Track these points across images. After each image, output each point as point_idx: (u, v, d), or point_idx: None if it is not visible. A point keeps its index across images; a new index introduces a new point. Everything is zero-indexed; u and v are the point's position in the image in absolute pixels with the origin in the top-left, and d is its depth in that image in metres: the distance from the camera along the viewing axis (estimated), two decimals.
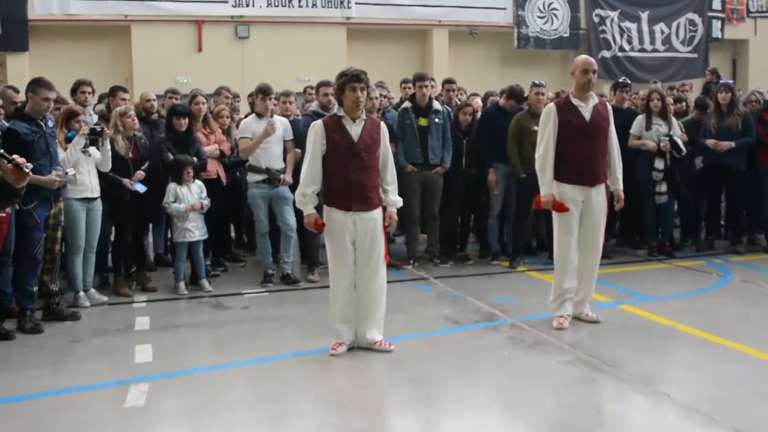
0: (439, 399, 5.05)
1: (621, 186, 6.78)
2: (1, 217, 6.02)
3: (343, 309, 5.92)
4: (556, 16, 20.34)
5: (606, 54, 20.80)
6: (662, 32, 21.42)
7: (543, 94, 8.80)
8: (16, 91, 7.49)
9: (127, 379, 5.33)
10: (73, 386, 5.27)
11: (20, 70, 16.26)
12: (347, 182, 5.77)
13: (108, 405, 4.95)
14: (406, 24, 18.98)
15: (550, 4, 20.28)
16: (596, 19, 20.70)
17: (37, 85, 6.60)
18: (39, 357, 5.93)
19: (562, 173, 6.55)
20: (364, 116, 5.87)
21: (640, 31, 21.22)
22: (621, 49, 21.03)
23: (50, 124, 6.72)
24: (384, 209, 5.94)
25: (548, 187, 6.57)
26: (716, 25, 21.92)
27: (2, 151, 3.74)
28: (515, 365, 5.61)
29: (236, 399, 5.04)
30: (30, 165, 3.78)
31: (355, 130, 5.79)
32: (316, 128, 5.83)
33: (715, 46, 21.96)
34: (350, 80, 5.73)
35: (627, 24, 21.04)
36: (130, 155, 7.79)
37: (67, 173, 6.64)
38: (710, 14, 21.87)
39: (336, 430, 4.54)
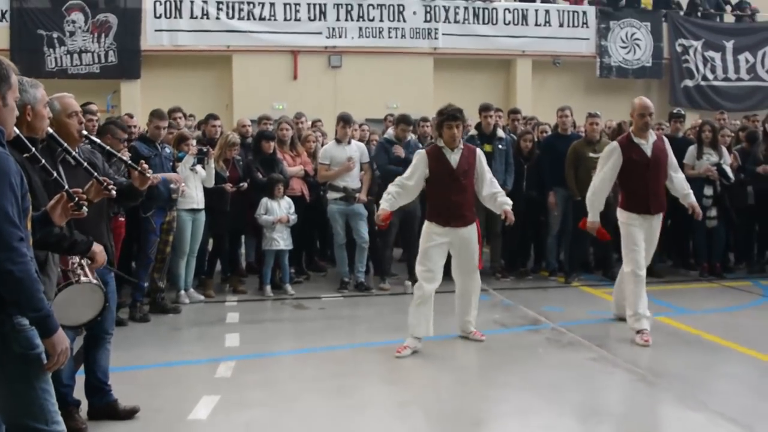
0: (473, 382, 6.00)
1: (694, 199, 7.55)
2: (120, 222, 7.27)
3: (420, 303, 6.74)
4: (638, 45, 20.63)
5: (689, 83, 20.99)
6: (747, 61, 21.43)
7: (597, 124, 9.61)
8: (131, 116, 8.87)
9: (218, 358, 6.47)
10: (174, 360, 6.48)
11: (133, 96, 17.79)
12: (447, 203, 6.80)
13: (201, 375, 6.09)
14: (490, 54, 19.56)
15: (633, 35, 20.61)
16: (679, 49, 20.88)
17: (152, 115, 8.08)
18: (147, 340, 7.15)
19: (629, 204, 7.26)
20: (461, 146, 6.89)
21: (724, 60, 21.21)
22: (704, 78, 21.12)
23: (167, 150, 8.02)
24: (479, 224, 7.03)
25: (595, 214, 7.39)
26: None
27: (131, 162, 4.84)
28: (546, 360, 6.51)
29: (308, 375, 6.10)
30: (151, 171, 4.85)
31: (453, 158, 6.82)
32: (421, 156, 6.91)
33: None
34: (447, 119, 6.80)
35: (711, 53, 21.11)
36: (228, 174, 8.95)
37: (182, 188, 7.85)
38: None
39: (386, 400, 5.54)
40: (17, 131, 3.28)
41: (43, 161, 3.46)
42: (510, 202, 7.03)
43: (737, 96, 20.97)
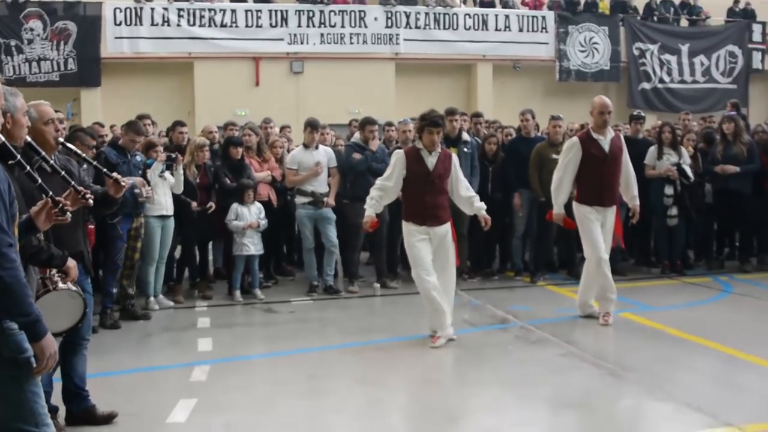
0: (446, 379, 6.14)
1: (638, 202, 7.97)
2: (90, 229, 7.25)
3: (431, 300, 6.95)
4: (596, 49, 20.98)
5: (646, 86, 21.42)
6: (702, 64, 21.89)
7: (560, 126, 9.82)
8: (101, 125, 8.84)
9: (192, 362, 6.50)
10: (148, 366, 6.50)
11: (93, 103, 17.73)
12: (423, 203, 7.00)
13: (176, 379, 6.13)
14: (451, 59, 19.81)
15: (591, 39, 20.95)
16: (636, 52, 21.30)
17: (128, 127, 8.10)
18: (120, 346, 7.14)
19: (584, 196, 7.72)
20: (439, 149, 7.07)
21: (680, 63, 21.64)
22: (661, 80, 21.55)
23: (138, 158, 8.03)
24: (452, 223, 7.25)
25: (560, 206, 7.83)
26: (757, 56, 22.29)
27: (105, 170, 4.88)
28: (517, 356, 6.65)
29: (283, 377, 6.16)
30: (126, 180, 4.90)
31: (431, 161, 7.02)
32: (399, 156, 7.10)
33: (756, 78, 22.40)
34: (429, 125, 7.01)
35: (667, 56, 21.52)
36: (198, 180, 8.98)
37: (147, 192, 7.85)
38: (750, 46, 22.34)
39: (361, 400, 5.62)
40: (2, 138, 3.32)
41: (28, 168, 3.51)
42: (484, 206, 7.28)
43: (693, 98, 21.43)
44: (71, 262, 4.14)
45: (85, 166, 6.02)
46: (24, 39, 17.51)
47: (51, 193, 3.52)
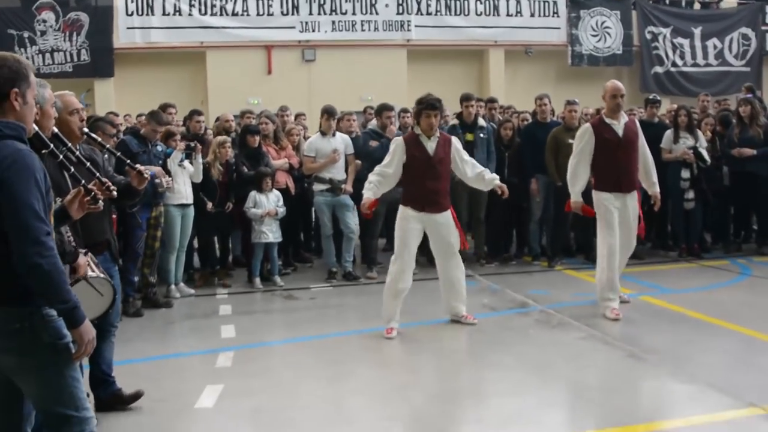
0: (468, 363, 6.16)
1: (658, 189, 7.80)
2: (112, 219, 7.31)
3: (401, 291, 6.98)
4: (609, 34, 20.87)
5: (659, 69, 21.29)
6: (715, 47, 21.74)
7: (576, 111, 9.82)
8: (116, 115, 8.90)
9: (216, 349, 6.57)
10: (172, 353, 6.58)
11: (106, 94, 17.77)
12: (422, 189, 6.97)
13: (202, 366, 6.20)
14: (463, 45, 19.72)
15: (603, 23, 20.85)
16: (648, 36, 21.18)
17: (151, 117, 8.19)
18: (143, 334, 7.22)
19: (602, 183, 7.55)
20: (438, 134, 7.05)
21: (692, 47, 21.51)
22: (674, 64, 21.40)
23: (159, 147, 8.08)
24: (453, 208, 7.22)
25: (577, 194, 7.64)
26: None
27: (129, 161, 4.92)
28: (537, 340, 6.68)
29: (306, 362, 6.22)
30: (149, 171, 4.95)
31: (430, 146, 7.00)
32: (399, 143, 7.08)
33: None
34: (426, 108, 6.99)
35: (680, 40, 21.39)
36: (221, 178, 9.05)
37: (165, 181, 7.90)
38: (764, 28, 22.17)
39: (384, 383, 5.68)
40: (36, 128, 3.36)
41: (61, 157, 3.56)
42: (497, 177, 7.31)
43: (706, 81, 21.26)
44: (82, 260, 4.15)
45: (107, 155, 6.07)
46: (37, 31, 17.56)
47: (83, 181, 3.57)
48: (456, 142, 7.24)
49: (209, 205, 8.89)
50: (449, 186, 7.23)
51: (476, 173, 7.22)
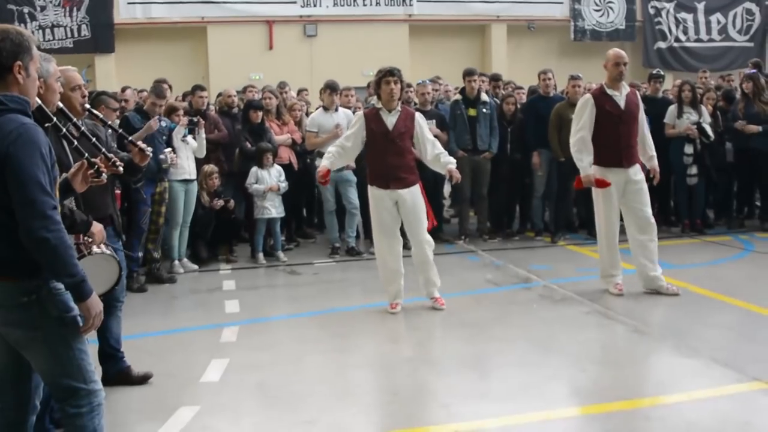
0: (474, 337, 6.14)
1: (656, 163, 7.52)
2: (116, 194, 7.31)
3: (393, 271, 6.97)
4: (611, 8, 20.72)
5: (662, 45, 21.15)
6: (719, 22, 21.57)
7: (580, 86, 9.75)
8: (123, 90, 8.89)
9: (221, 323, 6.60)
10: (177, 327, 6.60)
11: (107, 69, 17.70)
12: (384, 165, 6.80)
13: (207, 340, 6.21)
14: (465, 19, 19.61)
15: None
16: (651, 11, 21.03)
17: (152, 91, 8.23)
18: (148, 309, 7.25)
19: (602, 158, 7.24)
20: (399, 108, 6.89)
21: (696, 22, 21.36)
22: (677, 39, 21.26)
23: (163, 124, 8.04)
24: (422, 185, 6.96)
25: (586, 168, 7.24)
26: None
27: (131, 138, 4.90)
28: (540, 315, 6.70)
29: (310, 336, 6.25)
30: (150, 148, 4.91)
31: (390, 120, 6.82)
32: (359, 118, 6.97)
33: None
34: (385, 75, 6.79)
35: (683, 15, 21.25)
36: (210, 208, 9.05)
37: (170, 157, 7.86)
38: None
39: (388, 357, 5.71)
40: (39, 101, 3.35)
41: (65, 130, 3.55)
42: (453, 161, 7.00)
43: (710, 56, 21.14)
44: (96, 227, 4.15)
45: (110, 131, 6.05)
46: (37, 6, 17.45)
47: (87, 154, 3.55)
48: (420, 118, 7.02)
49: (216, 202, 8.98)
50: (414, 160, 6.98)
51: (435, 154, 6.93)
